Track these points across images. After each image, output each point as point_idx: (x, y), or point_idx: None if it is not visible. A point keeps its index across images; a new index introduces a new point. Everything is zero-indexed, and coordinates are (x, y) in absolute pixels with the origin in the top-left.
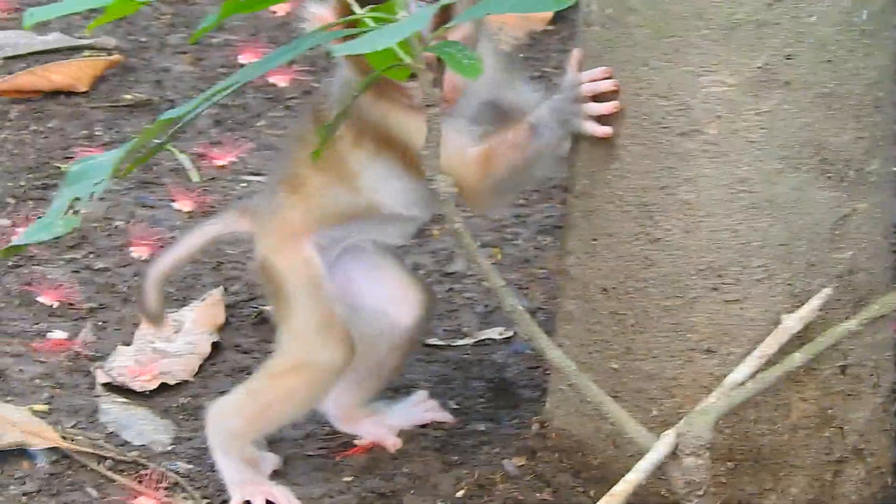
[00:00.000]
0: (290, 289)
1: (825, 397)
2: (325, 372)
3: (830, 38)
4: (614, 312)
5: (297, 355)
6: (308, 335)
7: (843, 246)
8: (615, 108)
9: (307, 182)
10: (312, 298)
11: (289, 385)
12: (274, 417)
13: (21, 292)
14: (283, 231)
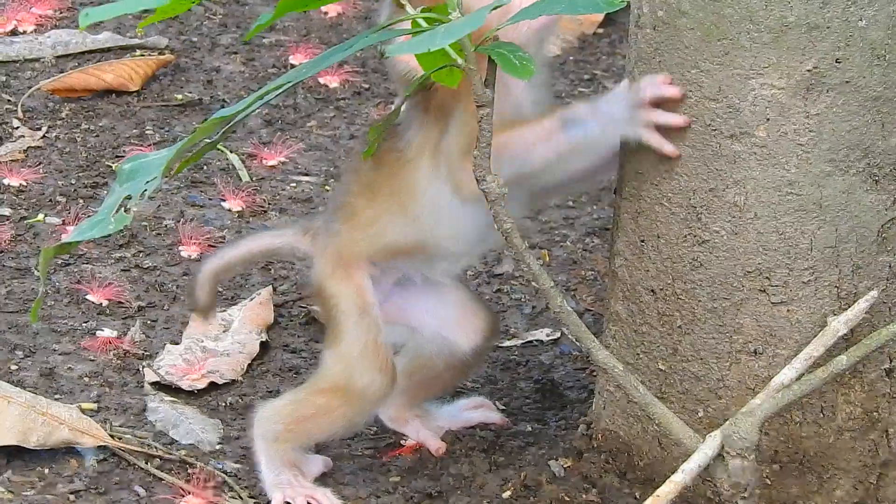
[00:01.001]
0: (339, 313)
1: (870, 400)
2: (363, 397)
3: (880, 42)
4: (662, 314)
5: (338, 377)
6: (351, 360)
7: (891, 249)
8: (685, 121)
9: (363, 213)
10: (360, 326)
11: (328, 404)
12: (312, 431)
13: (71, 290)
14: (338, 259)
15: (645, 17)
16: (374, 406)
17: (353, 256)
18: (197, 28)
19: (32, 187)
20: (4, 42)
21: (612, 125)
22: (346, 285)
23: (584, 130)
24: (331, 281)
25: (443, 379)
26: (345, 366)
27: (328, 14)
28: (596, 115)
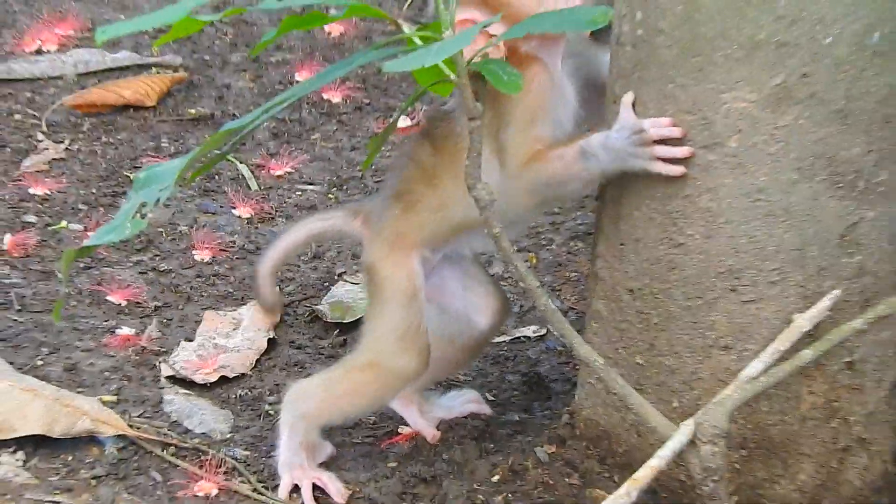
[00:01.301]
0: (389, 295)
1: (832, 391)
2: (396, 377)
3: (844, 58)
4: (640, 312)
5: (375, 355)
6: (390, 340)
7: (852, 251)
8: (689, 152)
9: (421, 198)
10: (405, 308)
11: (361, 381)
12: (343, 409)
13: (92, 292)
14: (394, 242)
15: (625, 36)
16: (403, 386)
17: (411, 239)
18: (209, 47)
19: (56, 196)
20: (29, 61)
21: (622, 159)
22: (400, 269)
23: (598, 163)
24: (385, 263)
25: (455, 361)
26: (385, 346)
27: (331, 34)
28: (608, 149)
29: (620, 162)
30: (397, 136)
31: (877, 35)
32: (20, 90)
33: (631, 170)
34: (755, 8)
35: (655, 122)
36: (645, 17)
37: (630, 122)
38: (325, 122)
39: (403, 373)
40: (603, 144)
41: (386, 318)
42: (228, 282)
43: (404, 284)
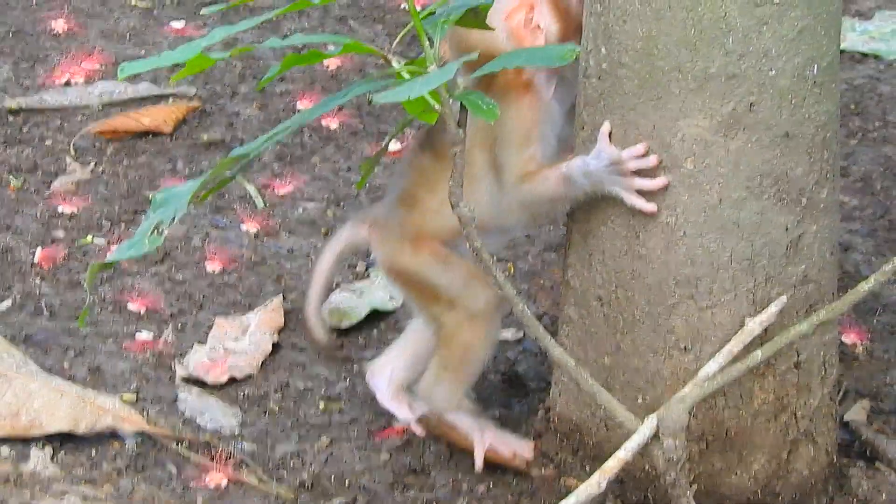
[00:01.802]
0: (424, 275)
1: (781, 388)
2: (489, 311)
3: (787, 89)
4: (607, 317)
5: (460, 314)
6: (460, 293)
7: (797, 261)
8: (663, 184)
9: (424, 202)
10: (450, 268)
11: (464, 340)
12: (469, 370)
13: (114, 300)
14: (404, 239)
15: (591, 69)
16: (499, 314)
17: (419, 235)
18: (220, 79)
19: (82, 214)
20: (59, 92)
21: (600, 184)
22: (420, 254)
23: (580, 186)
24: (403, 258)
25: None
26: (458, 302)
27: (329, 67)
28: (587, 174)
29: (599, 186)
30: (389, 158)
31: (816, 67)
32: (51, 118)
33: (609, 193)
34: (707, 44)
35: (631, 151)
36: (608, 52)
37: (606, 150)
38: (324, 146)
39: (491, 305)
40: (582, 170)
41: (440, 288)
42: (237, 290)
43: (432, 259)
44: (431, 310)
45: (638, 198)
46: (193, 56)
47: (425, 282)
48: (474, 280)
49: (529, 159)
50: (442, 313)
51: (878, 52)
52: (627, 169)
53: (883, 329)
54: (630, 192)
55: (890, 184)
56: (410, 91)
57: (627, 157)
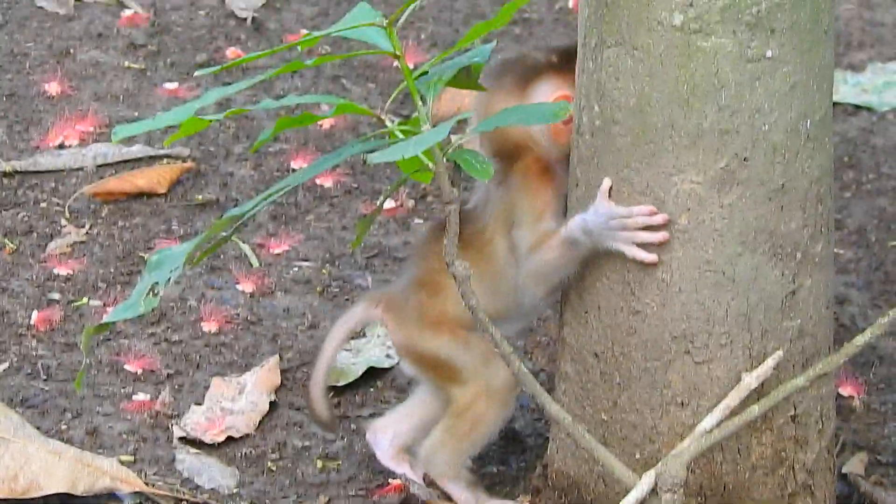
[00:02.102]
0: (444, 356)
1: (779, 442)
2: (505, 391)
3: (780, 143)
4: (603, 373)
5: (477, 391)
6: (479, 373)
7: (793, 316)
8: (665, 237)
9: (448, 289)
10: (471, 348)
11: (476, 413)
12: (474, 442)
13: (111, 361)
14: (423, 322)
15: (584, 126)
16: (516, 393)
17: (439, 320)
18: (214, 139)
19: (78, 276)
20: (53, 154)
21: (601, 240)
22: (440, 337)
23: (583, 245)
24: (421, 341)
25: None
26: (476, 380)
27: (323, 126)
28: (587, 232)
29: (601, 242)
30: (384, 217)
31: (809, 122)
32: (45, 181)
33: (610, 249)
34: (699, 100)
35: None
36: (602, 109)
37: (604, 207)
38: (319, 205)
39: (507, 384)
40: (582, 228)
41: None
42: (234, 350)
43: (452, 342)
44: (446, 385)
45: (638, 250)
46: (187, 118)
47: (445, 362)
48: (495, 359)
49: (541, 234)
50: (457, 388)
51: (870, 105)
52: (630, 224)
53: (880, 381)
54: (630, 246)
55: (885, 236)
56: (404, 151)
57: (628, 214)
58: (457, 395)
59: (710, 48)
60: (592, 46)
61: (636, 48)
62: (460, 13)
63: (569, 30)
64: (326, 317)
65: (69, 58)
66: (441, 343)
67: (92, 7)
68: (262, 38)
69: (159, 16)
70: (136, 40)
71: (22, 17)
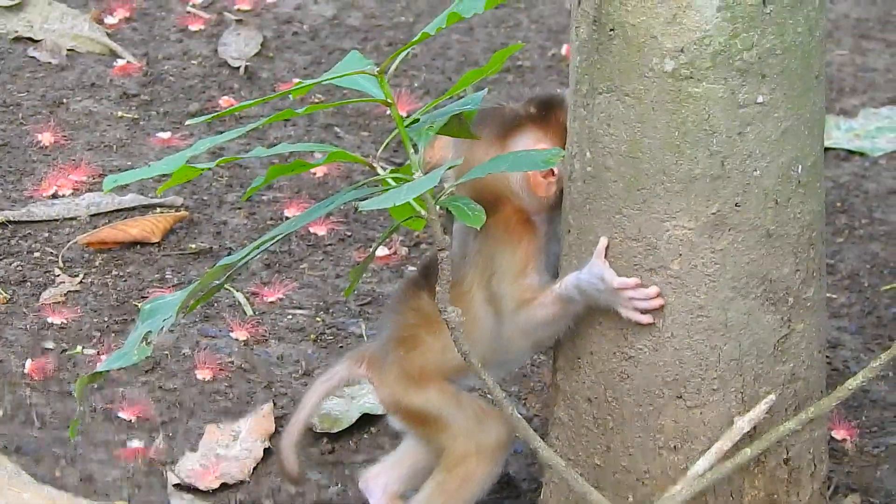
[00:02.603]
0: (433, 412)
1: (771, 485)
2: (496, 450)
3: (772, 188)
4: (596, 418)
5: (468, 448)
6: (470, 432)
7: (785, 360)
8: (660, 304)
9: (425, 343)
10: (461, 406)
11: (466, 471)
12: (464, 497)
13: (105, 409)
14: (405, 379)
15: (576, 172)
16: (506, 453)
17: (421, 376)
18: (207, 188)
19: (72, 324)
20: (46, 204)
21: (595, 298)
22: (425, 391)
23: (577, 303)
24: (408, 397)
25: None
26: (468, 438)
27: (317, 174)
28: (581, 291)
29: (594, 301)
30: (377, 264)
31: (800, 168)
32: (39, 230)
33: (605, 306)
34: (691, 146)
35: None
36: (593, 155)
37: (598, 270)
38: (313, 253)
39: (499, 442)
40: (577, 287)
41: (452, 425)
42: (228, 398)
43: (441, 396)
44: (436, 439)
45: (636, 313)
46: (179, 167)
47: (434, 417)
48: (487, 417)
49: (526, 288)
50: (448, 443)
51: (863, 150)
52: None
53: (872, 425)
54: (628, 309)
55: (877, 281)
56: (396, 198)
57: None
58: (447, 449)
59: (701, 94)
60: (584, 93)
61: (627, 94)
62: (453, 61)
63: (561, 77)
64: (320, 364)
65: (62, 108)
66: (428, 398)
67: (85, 57)
68: (255, 87)
69: (152, 65)
70: (128, 90)
71: (14, 67)
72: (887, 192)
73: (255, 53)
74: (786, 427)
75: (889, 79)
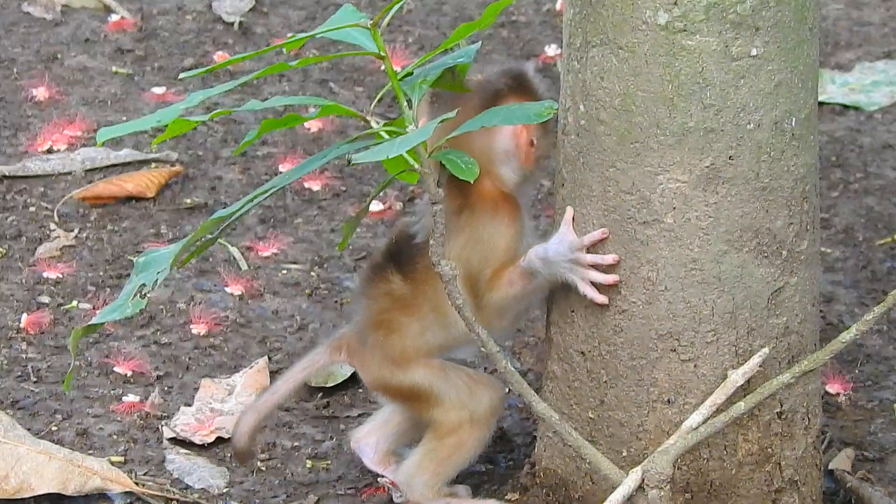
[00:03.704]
0: (423, 389)
1: (765, 438)
2: (489, 416)
3: (766, 142)
4: (590, 371)
5: (460, 419)
6: (463, 402)
7: (779, 313)
8: (615, 280)
9: (403, 326)
10: (450, 378)
11: (458, 438)
12: (454, 464)
13: (101, 364)
14: (388, 361)
15: (570, 126)
16: (499, 416)
17: (402, 356)
18: (201, 143)
19: (67, 279)
20: (42, 159)
21: (558, 271)
22: (411, 370)
23: (540, 276)
24: (394, 377)
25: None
26: (461, 410)
27: (311, 129)
28: (546, 262)
29: (558, 274)
30: (370, 219)
31: (794, 120)
32: (34, 185)
33: (565, 281)
34: (684, 99)
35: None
36: (587, 109)
37: (568, 238)
38: (307, 208)
39: (491, 409)
40: (542, 258)
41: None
42: (223, 352)
43: (427, 372)
44: (429, 414)
45: (592, 289)
46: (173, 119)
47: (425, 394)
48: (477, 385)
49: (500, 268)
50: (441, 417)
51: (858, 104)
52: (584, 261)
53: (866, 379)
54: (585, 283)
55: (872, 234)
56: (389, 150)
57: (588, 243)
58: (438, 420)
59: (694, 47)
60: (577, 46)
61: (621, 48)
62: (447, 16)
63: (556, 31)
64: (315, 319)
65: (57, 63)
66: (415, 376)
67: (79, 12)
68: (250, 43)
69: (146, 21)
70: (123, 45)
71: (9, 22)
72: (882, 146)
73: (250, 9)
74: (779, 380)
75: (884, 33)
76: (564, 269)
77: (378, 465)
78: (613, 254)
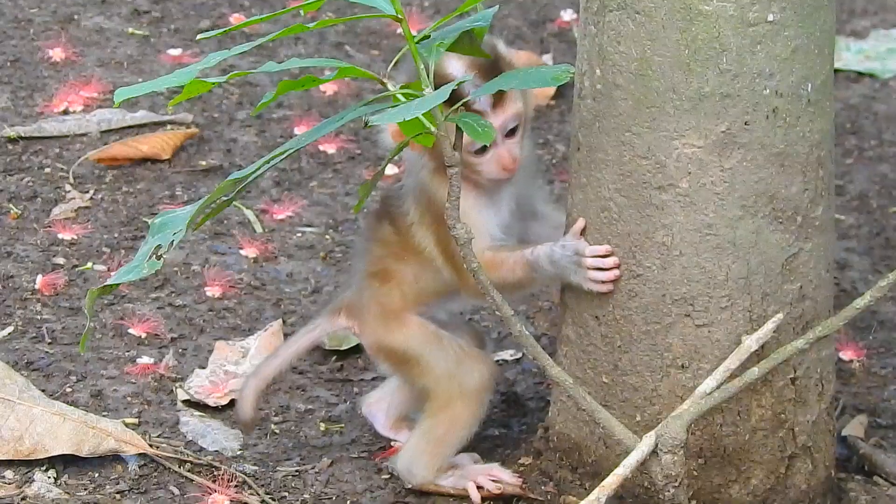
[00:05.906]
0: (414, 352)
1: (778, 404)
2: (481, 391)
3: (782, 107)
4: (604, 336)
5: (450, 392)
6: (452, 373)
7: (793, 279)
8: (615, 276)
9: (396, 274)
10: (441, 347)
11: (452, 415)
12: (452, 441)
13: (115, 325)
14: (385, 316)
15: (586, 90)
16: (491, 392)
17: (398, 307)
18: (217, 106)
19: (82, 241)
20: (58, 120)
21: (563, 272)
22: (406, 329)
23: (545, 272)
24: (389, 335)
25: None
26: (450, 380)
27: (326, 92)
28: (553, 262)
29: (562, 274)
30: (385, 182)
31: (810, 86)
32: (50, 146)
33: (568, 281)
34: (700, 64)
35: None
36: (603, 73)
37: (573, 244)
38: (322, 171)
39: (483, 384)
40: (549, 257)
41: (433, 367)
42: (237, 315)
43: (420, 335)
44: (420, 381)
45: (596, 285)
46: (189, 80)
47: (416, 359)
48: (468, 358)
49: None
50: (432, 385)
51: (873, 72)
52: (589, 264)
53: (880, 345)
54: (588, 281)
55: (886, 202)
56: (405, 113)
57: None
58: (431, 392)
59: (711, 12)
60: (594, 10)
61: (638, 12)
62: None
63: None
64: (329, 281)
65: (73, 24)
66: (410, 337)
67: None
68: (266, 5)
69: None
70: (140, 7)
71: None
72: None
73: None
74: (793, 346)
75: None
76: (569, 272)
77: (390, 431)
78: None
